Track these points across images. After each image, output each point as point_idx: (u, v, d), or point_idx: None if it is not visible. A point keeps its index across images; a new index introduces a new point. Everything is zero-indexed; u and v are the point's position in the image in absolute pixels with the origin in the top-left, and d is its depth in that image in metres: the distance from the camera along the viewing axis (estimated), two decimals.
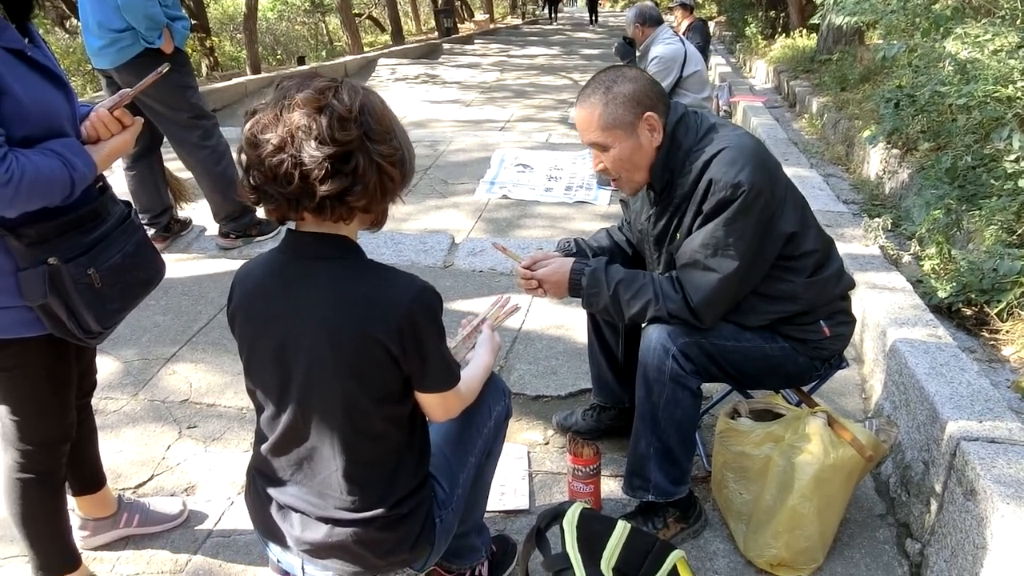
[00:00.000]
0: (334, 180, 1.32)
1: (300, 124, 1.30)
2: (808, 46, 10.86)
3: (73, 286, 1.70)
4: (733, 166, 1.93)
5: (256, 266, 1.54)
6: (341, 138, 1.31)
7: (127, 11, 3.74)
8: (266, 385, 1.52)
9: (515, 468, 2.53)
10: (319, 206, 1.35)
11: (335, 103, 1.32)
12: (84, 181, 1.66)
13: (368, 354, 1.42)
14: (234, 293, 1.55)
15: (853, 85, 7.47)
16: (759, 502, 2.10)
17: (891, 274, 3.21)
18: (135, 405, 2.94)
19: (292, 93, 1.33)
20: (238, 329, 1.54)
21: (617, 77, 2.03)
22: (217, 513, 2.38)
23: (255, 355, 1.52)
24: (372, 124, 1.35)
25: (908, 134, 4.86)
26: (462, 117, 9.56)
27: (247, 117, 1.37)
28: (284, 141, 1.30)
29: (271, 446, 1.55)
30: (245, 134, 1.35)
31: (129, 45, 3.84)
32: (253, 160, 1.34)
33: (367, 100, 1.37)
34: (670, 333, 2.05)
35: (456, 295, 3.78)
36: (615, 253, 2.42)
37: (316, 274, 1.44)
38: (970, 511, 1.85)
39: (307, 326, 1.43)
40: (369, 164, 1.35)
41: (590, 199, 5.48)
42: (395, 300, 1.41)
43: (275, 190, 1.34)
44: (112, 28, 3.81)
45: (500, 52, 18.67)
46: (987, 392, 2.19)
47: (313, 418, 1.48)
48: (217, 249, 4.43)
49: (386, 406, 1.48)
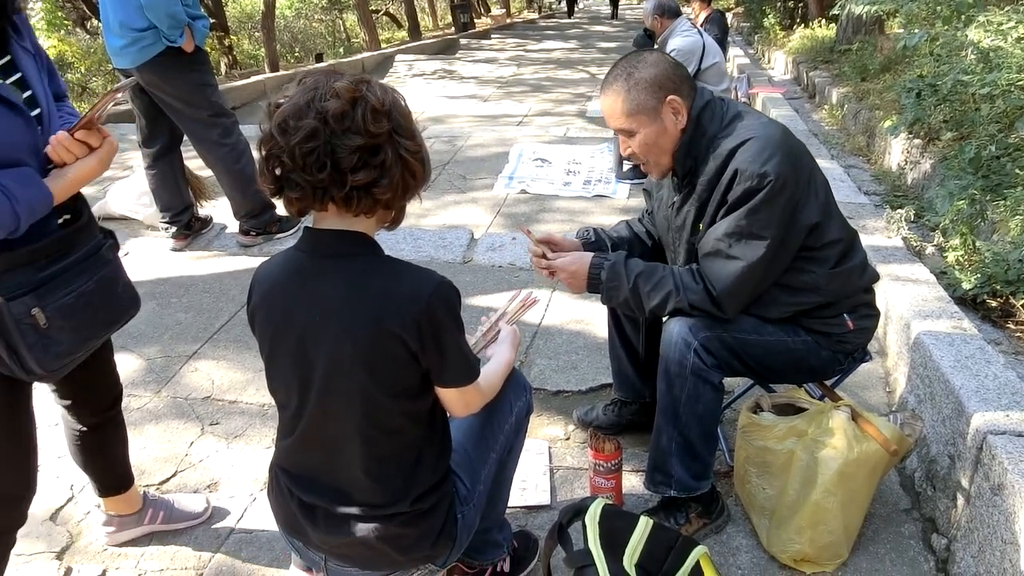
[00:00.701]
0: (364, 171, 1.34)
1: (335, 111, 1.31)
2: (827, 36, 10.76)
3: (14, 325, 1.57)
4: (760, 156, 1.91)
5: (275, 265, 1.54)
6: (374, 130, 1.33)
7: (150, 10, 3.77)
8: (287, 383, 1.52)
9: (536, 463, 2.53)
10: (347, 196, 1.36)
11: (369, 96, 1.34)
12: (33, 214, 1.54)
13: (387, 349, 1.42)
14: (253, 292, 1.56)
15: (873, 75, 7.40)
16: (782, 497, 2.08)
17: (914, 266, 3.18)
18: (158, 402, 2.97)
19: (326, 82, 1.35)
20: (258, 328, 1.55)
21: (638, 63, 2.02)
22: (240, 510, 2.40)
23: (275, 353, 1.53)
24: (400, 120, 1.38)
25: (930, 124, 4.81)
26: (479, 112, 9.55)
27: (271, 108, 1.38)
28: (317, 129, 1.31)
29: (293, 443, 1.56)
30: (275, 121, 1.35)
31: (151, 44, 3.87)
32: (283, 147, 1.34)
33: (395, 98, 1.40)
34: (691, 327, 2.04)
35: (475, 290, 3.77)
36: (634, 244, 2.41)
37: (335, 271, 1.45)
38: (997, 506, 1.82)
39: (326, 322, 1.43)
40: (396, 158, 1.37)
41: (608, 193, 5.46)
42: (413, 294, 1.41)
43: (303, 178, 1.35)
44: (134, 27, 3.84)
45: (517, 47, 18.65)
46: (1014, 385, 2.16)
47: (334, 414, 1.49)
48: (238, 247, 4.46)
49: (406, 401, 1.49)
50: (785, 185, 1.91)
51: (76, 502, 2.45)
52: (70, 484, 2.51)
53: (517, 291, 1.99)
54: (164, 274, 4.08)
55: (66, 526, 2.36)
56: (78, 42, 15.75)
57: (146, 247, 4.44)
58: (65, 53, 14.50)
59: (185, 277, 4.05)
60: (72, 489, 2.50)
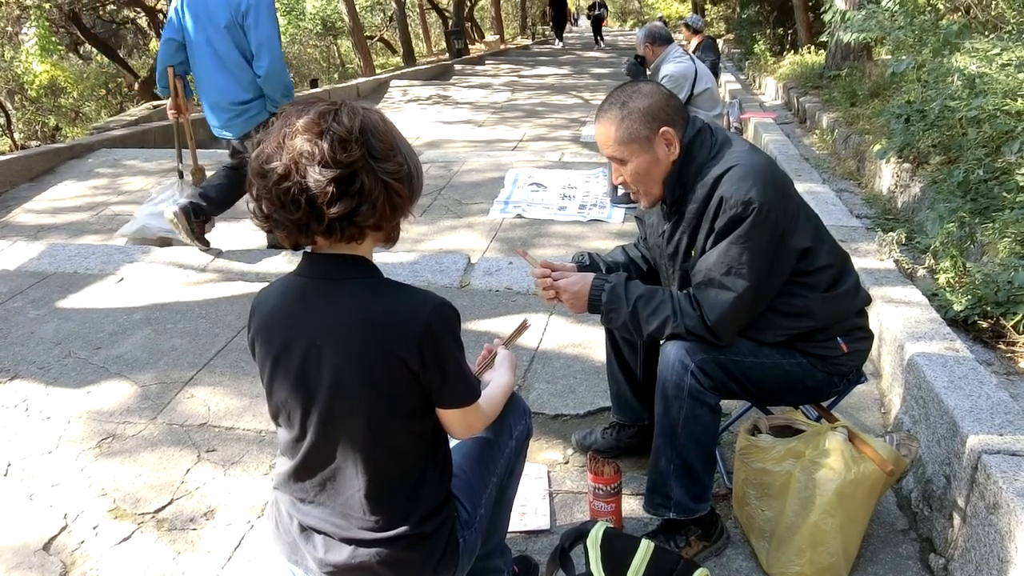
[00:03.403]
0: (341, 202, 1.35)
1: (303, 150, 1.33)
2: (817, 62, 10.89)
3: None
4: (743, 183, 1.95)
5: (274, 290, 1.55)
6: (344, 159, 1.34)
7: (268, 82, 4.17)
8: (289, 408, 1.53)
9: (535, 488, 2.53)
10: (328, 228, 1.38)
11: (335, 126, 1.35)
12: None
13: (389, 370, 1.43)
14: (253, 318, 1.57)
15: (862, 100, 7.49)
16: (781, 519, 2.09)
17: (907, 288, 3.21)
18: (153, 429, 2.96)
19: (292, 121, 1.36)
20: (258, 353, 1.55)
21: (633, 93, 2.06)
22: (237, 537, 2.39)
23: (276, 379, 1.53)
24: (374, 143, 1.38)
25: (919, 148, 4.86)
26: (474, 137, 9.61)
27: (253, 147, 1.41)
28: (288, 169, 1.34)
29: (294, 468, 1.56)
30: (252, 165, 1.39)
31: (256, 114, 4.28)
32: (262, 190, 1.37)
33: (368, 119, 1.39)
34: (688, 349, 2.06)
35: (473, 315, 3.79)
36: (630, 269, 2.43)
37: (335, 294, 1.46)
38: (994, 525, 1.84)
39: (328, 347, 1.44)
40: (375, 182, 1.37)
41: (604, 217, 5.50)
42: (413, 315, 1.43)
43: (284, 217, 1.37)
44: (241, 102, 4.25)
45: (511, 72, 18.79)
46: (1007, 405, 2.19)
47: (337, 438, 1.49)
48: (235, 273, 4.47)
49: (408, 422, 1.50)
50: (770, 211, 1.95)
51: (70, 531, 2.43)
52: (63, 513, 2.49)
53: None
54: (160, 299, 4.08)
55: (59, 556, 2.33)
56: (71, 67, 15.84)
57: (142, 273, 4.45)
58: (58, 78, 14.57)
59: (181, 303, 4.05)
60: (66, 518, 2.48)
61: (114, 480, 2.64)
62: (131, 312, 3.94)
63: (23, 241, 5.10)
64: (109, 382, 3.27)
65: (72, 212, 6.00)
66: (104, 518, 2.46)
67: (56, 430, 2.93)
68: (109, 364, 3.42)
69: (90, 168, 7.29)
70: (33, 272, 4.50)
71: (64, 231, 5.56)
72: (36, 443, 2.85)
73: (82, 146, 7.91)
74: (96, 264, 4.56)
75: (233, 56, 4.18)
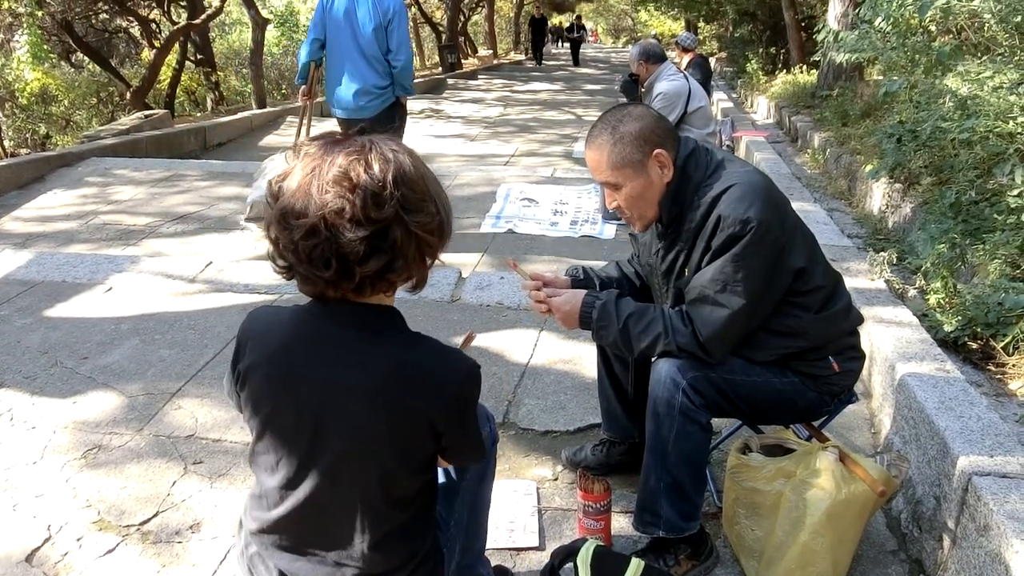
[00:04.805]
0: (373, 259, 1.28)
1: (333, 207, 1.24)
2: (809, 82, 10.97)
3: None
4: (742, 202, 1.95)
5: (277, 323, 1.45)
6: (377, 216, 1.26)
7: (404, 73, 5.36)
8: (283, 454, 1.43)
9: (524, 504, 2.52)
10: (359, 286, 1.31)
11: (366, 179, 1.26)
12: None
13: (412, 428, 1.39)
14: (249, 348, 1.45)
15: (854, 120, 7.54)
16: (771, 538, 2.08)
17: (897, 308, 3.22)
18: (139, 440, 2.93)
19: (320, 168, 1.27)
20: (251, 388, 1.44)
21: (623, 116, 2.05)
22: (223, 551, 2.37)
23: (271, 421, 1.43)
24: (407, 194, 1.29)
25: (910, 169, 4.90)
26: (467, 152, 9.63)
27: (273, 190, 1.32)
28: (317, 226, 1.25)
29: (282, 517, 1.46)
30: (276, 213, 1.29)
31: (388, 98, 5.43)
32: (285, 241, 1.29)
33: (400, 167, 1.30)
34: (680, 367, 2.05)
35: (464, 329, 3.77)
36: (623, 284, 2.43)
37: (359, 345, 1.38)
38: (984, 547, 1.83)
39: (351, 400, 1.37)
40: (407, 236, 1.30)
41: (595, 233, 5.50)
42: (447, 378, 1.39)
43: (311, 273, 1.29)
44: (379, 86, 5.36)
45: (503, 87, 18.86)
46: (997, 426, 2.19)
47: (342, 492, 1.42)
48: (227, 284, 4.45)
49: (419, 475, 1.46)
50: (769, 230, 1.95)
51: (53, 543, 2.39)
52: (47, 524, 2.46)
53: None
54: (148, 310, 4.06)
55: (42, 568, 2.30)
56: (63, 75, 15.81)
57: (130, 283, 4.42)
58: (49, 86, 14.54)
59: (170, 313, 4.02)
60: (49, 529, 2.45)
61: (99, 491, 2.61)
62: (119, 322, 3.91)
63: (11, 249, 5.07)
64: (96, 392, 3.24)
65: (61, 221, 5.97)
66: (88, 530, 2.43)
67: (41, 440, 2.90)
68: (96, 374, 3.39)
69: (80, 177, 7.26)
70: (21, 280, 4.47)
71: (53, 240, 5.53)
72: (20, 453, 2.82)
73: (72, 154, 7.87)
74: (84, 273, 4.53)
75: (375, 52, 5.28)
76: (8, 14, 14.20)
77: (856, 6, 6.53)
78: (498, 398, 3.16)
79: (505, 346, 3.63)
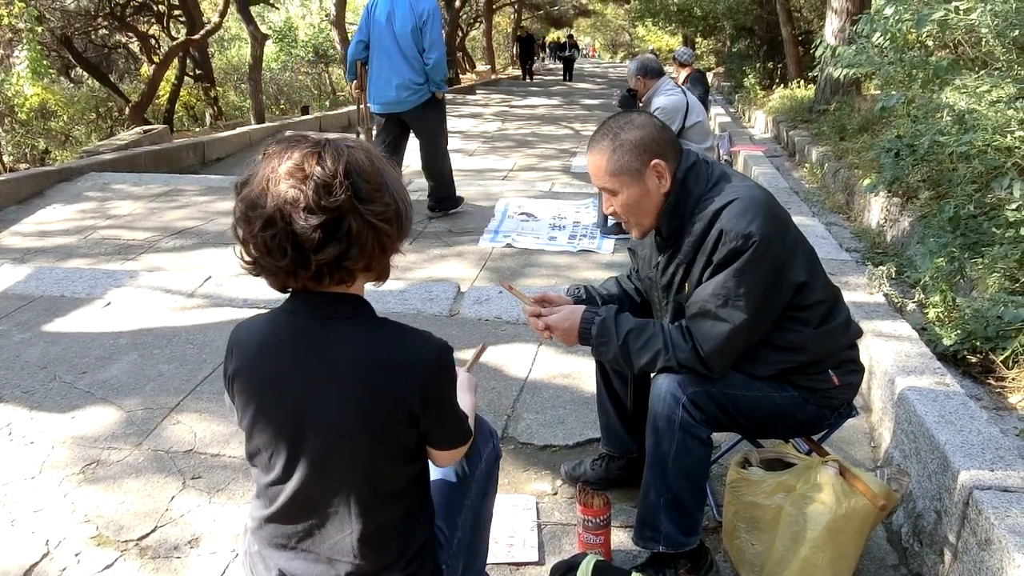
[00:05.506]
0: (329, 247, 1.32)
1: (287, 196, 1.30)
2: (806, 96, 11.02)
3: None
4: (744, 217, 1.95)
5: (258, 327, 1.50)
6: (329, 204, 1.30)
7: (435, 69, 5.87)
8: (273, 450, 1.46)
9: (524, 519, 2.51)
10: (317, 274, 1.35)
11: (318, 170, 1.31)
12: None
13: (390, 414, 1.41)
14: (234, 354, 1.50)
15: (852, 135, 7.56)
16: (771, 553, 2.07)
17: (896, 322, 3.22)
18: (138, 455, 2.92)
19: (276, 164, 1.34)
20: (239, 392, 1.49)
21: (626, 124, 2.07)
22: (222, 566, 2.36)
23: (260, 419, 1.47)
24: (360, 184, 1.34)
25: (908, 183, 4.91)
26: (465, 166, 9.64)
27: (237, 189, 1.38)
28: (273, 216, 1.31)
29: (275, 513, 1.49)
30: (238, 209, 1.36)
31: (425, 94, 5.94)
32: (247, 234, 1.35)
33: (353, 159, 1.35)
34: (680, 382, 2.05)
35: (462, 344, 3.77)
36: (624, 301, 2.43)
37: (330, 335, 1.42)
38: (985, 562, 1.83)
39: (327, 389, 1.41)
40: (362, 225, 1.34)
41: (594, 247, 5.51)
42: (417, 360, 1.41)
43: (271, 263, 1.35)
44: (416, 82, 5.88)
45: (501, 102, 18.93)
46: (997, 440, 2.18)
47: (328, 483, 1.45)
48: (230, 302, 4.45)
49: (403, 464, 1.47)
50: (770, 245, 1.95)
51: (52, 558, 2.39)
52: (45, 539, 2.45)
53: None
54: (147, 324, 4.06)
55: None
56: (62, 91, 15.84)
57: (129, 297, 4.42)
58: (49, 101, 14.57)
59: (168, 328, 4.02)
60: (47, 545, 2.44)
61: (97, 506, 2.60)
62: (118, 337, 3.91)
63: (10, 264, 5.07)
64: (94, 407, 3.23)
65: (60, 235, 5.97)
66: (87, 545, 2.42)
67: (39, 455, 2.89)
68: (94, 389, 3.38)
69: (79, 192, 7.27)
70: (20, 295, 4.46)
71: (52, 254, 5.53)
72: (19, 468, 2.81)
73: (71, 169, 7.88)
74: (83, 288, 4.53)
75: (412, 51, 5.82)
76: (8, 30, 14.23)
77: (853, 21, 6.57)
78: (497, 412, 3.16)
79: (504, 360, 3.63)
